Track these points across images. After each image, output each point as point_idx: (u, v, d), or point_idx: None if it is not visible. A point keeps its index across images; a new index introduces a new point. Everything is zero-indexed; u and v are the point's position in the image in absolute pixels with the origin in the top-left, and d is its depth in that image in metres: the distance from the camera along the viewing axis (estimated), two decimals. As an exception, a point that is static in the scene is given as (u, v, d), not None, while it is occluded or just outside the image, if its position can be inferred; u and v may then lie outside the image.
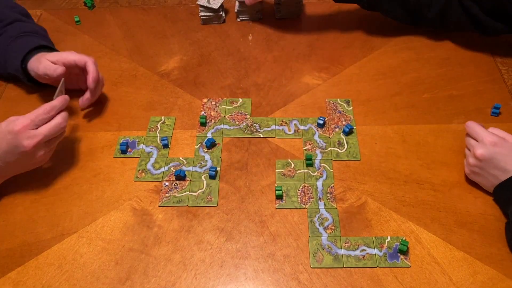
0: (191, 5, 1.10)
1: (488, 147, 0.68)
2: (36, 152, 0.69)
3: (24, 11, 0.94)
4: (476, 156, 0.69)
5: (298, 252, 0.67)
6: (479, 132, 0.70)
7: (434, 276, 0.64)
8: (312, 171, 0.77)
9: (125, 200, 0.74)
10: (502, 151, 0.67)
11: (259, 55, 0.97)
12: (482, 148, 0.68)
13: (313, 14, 1.06)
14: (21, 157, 0.69)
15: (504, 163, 0.67)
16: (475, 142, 0.70)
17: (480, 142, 0.69)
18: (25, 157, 0.69)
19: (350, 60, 0.95)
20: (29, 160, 0.70)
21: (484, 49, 0.95)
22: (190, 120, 0.85)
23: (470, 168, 0.71)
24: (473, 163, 0.70)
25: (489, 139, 0.68)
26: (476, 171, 0.70)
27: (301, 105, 0.87)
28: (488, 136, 0.69)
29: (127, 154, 0.80)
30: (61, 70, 0.78)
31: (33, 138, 0.68)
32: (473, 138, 0.71)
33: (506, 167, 0.67)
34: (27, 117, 0.68)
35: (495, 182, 0.69)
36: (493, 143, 0.68)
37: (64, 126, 0.72)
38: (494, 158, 0.67)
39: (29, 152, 0.68)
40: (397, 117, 0.84)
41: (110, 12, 1.09)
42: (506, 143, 0.68)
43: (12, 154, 0.68)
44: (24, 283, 0.65)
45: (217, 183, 0.76)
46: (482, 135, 0.69)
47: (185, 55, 0.98)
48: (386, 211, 0.71)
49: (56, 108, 0.71)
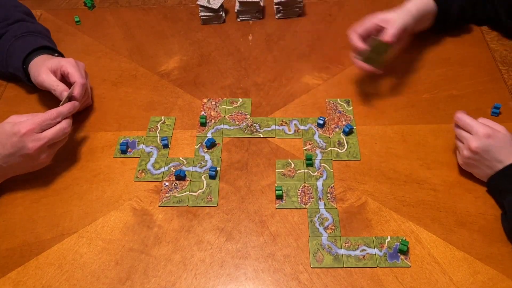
0: (191, 5, 1.10)
1: (482, 140, 0.68)
2: (39, 155, 0.71)
3: (28, 11, 0.95)
4: (471, 149, 0.69)
5: (298, 252, 0.67)
6: (472, 124, 0.70)
7: (434, 276, 0.64)
8: (312, 171, 0.77)
9: (125, 200, 0.74)
10: (496, 142, 0.68)
11: (259, 55, 0.97)
12: (477, 141, 0.69)
13: (313, 14, 1.06)
14: (24, 159, 0.70)
15: (498, 154, 0.68)
16: (468, 134, 0.71)
17: (474, 134, 0.70)
18: (28, 159, 0.70)
19: (350, 60, 0.94)
20: (31, 162, 0.71)
21: (484, 49, 0.95)
22: (190, 120, 0.85)
23: (464, 160, 0.72)
24: (468, 155, 0.70)
25: (482, 131, 0.69)
26: (471, 163, 0.71)
27: (301, 105, 0.87)
28: (482, 128, 0.69)
29: (127, 154, 0.80)
30: (65, 93, 0.76)
31: (38, 141, 0.69)
32: (465, 130, 0.71)
33: (500, 158, 0.68)
34: (33, 120, 0.69)
35: (490, 173, 0.70)
36: (487, 135, 0.68)
37: (68, 131, 0.73)
38: (489, 150, 0.68)
39: (32, 155, 0.69)
40: (397, 117, 0.84)
41: (110, 12, 1.09)
42: (499, 134, 0.69)
43: (15, 155, 0.69)
44: (24, 283, 0.65)
45: (217, 183, 0.76)
46: (476, 128, 0.69)
47: (185, 55, 0.98)
48: (386, 211, 0.71)
49: (63, 114, 0.73)
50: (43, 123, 0.70)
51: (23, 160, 0.70)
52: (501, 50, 0.95)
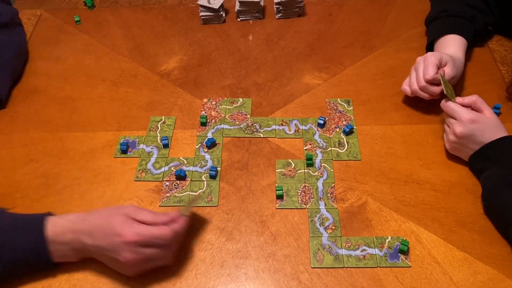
0: (191, 5, 1.10)
1: (466, 125, 0.71)
2: (129, 268, 0.62)
3: None
4: (456, 134, 0.72)
5: (299, 252, 0.67)
6: (457, 110, 0.73)
7: (434, 276, 0.64)
8: (312, 171, 0.77)
9: (125, 200, 0.74)
10: (479, 126, 0.71)
11: (259, 55, 0.97)
12: (461, 126, 0.72)
13: (313, 14, 1.06)
14: (111, 260, 0.62)
15: (481, 137, 0.71)
16: (454, 120, 0.74)
17: (459, 120, 0.72)
18: (115, 261, 0.62)
19: (350, 60, 0.95)
20: (115, 264, 0.63)
21: (484, 49, 0.95)
22: (191, 120, 0.85)
23: (450, 144, 0.75)
24: (453, 140, 0.74)
25: (466, 116, 0.72)
26: (456, 147, 0.75)
27: (302, 105, 0.87)
28: (466, 113, 0.72)
29: (128, 154, 0.80)
30: None
31: (135, 253, 0.60)
32: (451, 116, 0.74)
33: (482, 141, 0.71)
34: (142, 231, 0.60)
35: None
36: (471, 120, 0.71)
37: (170, 263, 0.65)
38: (472, 134, 0.72)
39: (121, 262, 0.61)
40: (397, 117, 0.84)
41: (110, 12, 1.09)
42: (483, 118, 0.72)
43: (106, 251, 0.61)
44: (24, 283, 0.65)
45: (217, 183, 0.76)
46: (460, 113, 0.72)
47: (185, 55, 0.98)
48: (386, 211, 0.71)
49: (177, 235, 0.63)
50: (150, 241, 0.60)
51: (111, 259, 0.62)
52: (501, 50, 0.95)
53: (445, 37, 0.87)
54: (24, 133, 0.83)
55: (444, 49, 0.85)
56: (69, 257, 0.64)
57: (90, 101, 0.89)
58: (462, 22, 0.88)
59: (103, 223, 0.61)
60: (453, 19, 0.89)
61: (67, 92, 0.91)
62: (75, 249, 0.62)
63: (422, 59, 0.80)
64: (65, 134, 0.83)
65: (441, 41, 0.87)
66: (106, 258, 0.62)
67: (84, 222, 0.62)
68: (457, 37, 0.86)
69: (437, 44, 0.88)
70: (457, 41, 0.85)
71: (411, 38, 0.98)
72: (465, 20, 0.88)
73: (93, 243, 0.61)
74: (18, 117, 0.86)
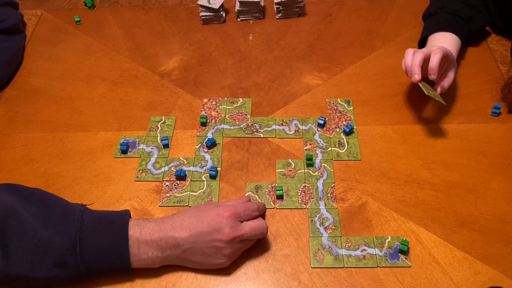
0: (191, 5, 1.10)
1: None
2: (228, 247, 0.62)
3: None
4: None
5: (299, 252, 0.67)
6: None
7: (434, 276, 0.64)
8: (312, 171, 0.77)
9: (125, 200, 0.74)
10: None
11: (260, 55, 0.97)
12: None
13: (313, 14, 1.06)
14: (209, 249, 0.62)
15: None
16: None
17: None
18: (213, 249, 0.62)
19: (350, 60, 0.95)
20: (210, 258, 0.62)
21: (484, 49, 0.95)
22: (191, 120, 0.85)
23: None
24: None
25: None
26: None
27: (302, 105, 0.87)
28: None
29: (128, 154, 0.80)
30: None
31: (236, 230, 0.61)
32: None
33: None
34: (236, 207, 0.63)
35: None
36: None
37: (265, 233, 0.66)
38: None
39: (223, 242, 0.61)
40: (397, 117, 0.84)
41: (110, 12, 1.09)
42: None
43: (206, 236, 0.61)
44: (24, 283, 0.65)
45: (217, 183, 0.76)
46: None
47: (185, 55, 0.98)
48: (386, 211, 0.71)
49: (260, 210, 0.67)
50: (245, 212, 0.64)
51: (209, 250, 0.62)
52: (501, 50, 0.95)
53: (440, 33, 0.86)
54: (24, 133, 0.83)
55: (437, 45, 0.85)
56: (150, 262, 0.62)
57: (90, 101, 0.89)
58: (459, 21, 0.88)
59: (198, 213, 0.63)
60: (450, 16, 0.89)
61: (67, 92, 0.91)
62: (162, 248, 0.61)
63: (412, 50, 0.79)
64: (65, 134, 0.83)
65: (434, 37, 0.87)
66: (201, 249, 0.61)
67: (173, 218, 0.63)
68: (451, 35, 0.86)
69: (430, 40, 0.88)
70: (450, 39, 0.85)
71: (411, 38, 0.98)
72: (462, 20, 0.88)
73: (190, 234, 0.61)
74: (18, 117, 0.86)
